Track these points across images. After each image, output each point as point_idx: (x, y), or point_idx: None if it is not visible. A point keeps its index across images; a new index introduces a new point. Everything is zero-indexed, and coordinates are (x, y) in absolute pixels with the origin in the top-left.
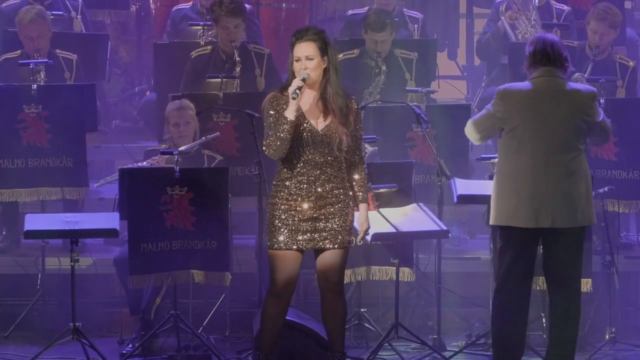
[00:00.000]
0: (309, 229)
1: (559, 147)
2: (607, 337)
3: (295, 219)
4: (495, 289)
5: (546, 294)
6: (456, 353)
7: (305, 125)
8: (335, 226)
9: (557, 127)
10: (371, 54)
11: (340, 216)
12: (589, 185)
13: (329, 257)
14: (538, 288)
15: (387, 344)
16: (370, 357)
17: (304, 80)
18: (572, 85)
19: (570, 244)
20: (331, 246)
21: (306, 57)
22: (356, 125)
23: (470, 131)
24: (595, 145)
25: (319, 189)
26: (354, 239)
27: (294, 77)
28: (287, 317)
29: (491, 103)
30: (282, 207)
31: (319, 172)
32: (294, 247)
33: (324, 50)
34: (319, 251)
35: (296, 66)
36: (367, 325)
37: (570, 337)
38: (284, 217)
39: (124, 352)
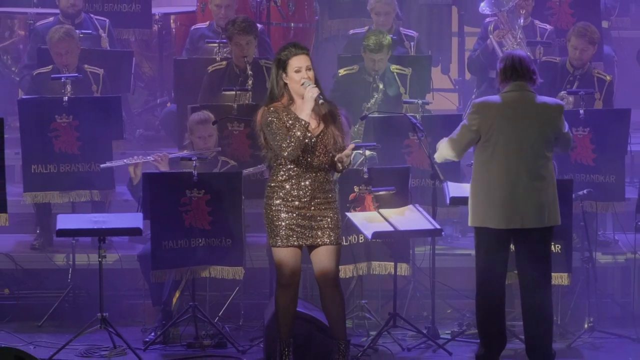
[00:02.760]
0: (306, 226)
1: (528, 155)
2: (585, 325)
3: (293, 218)
4: (476, 283)
5: None
6: (449, 340)
7: (308, 133)
8: (329, 225)
9: (527, 137)
10: (369, 71)
11: (332, 216)
12: (555, 190)
13: (325, 254)
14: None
15: (386, 332)
16: (371, 344)
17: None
18: (541, 98)
19: (539, 243)
20: (327, 241)
21: (307, 67)
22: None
23: (447, 150)
24: (560, 153)
25: (313, 191)
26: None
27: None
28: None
29: (466, 118)
30: (280, 207)
31: (313, 174)
32: (294, 244)
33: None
34: (312, 248)
35: (296, 76)
36: (367, 315)
37: (545, 335)
38: (282, 216)
39: (147, 339)
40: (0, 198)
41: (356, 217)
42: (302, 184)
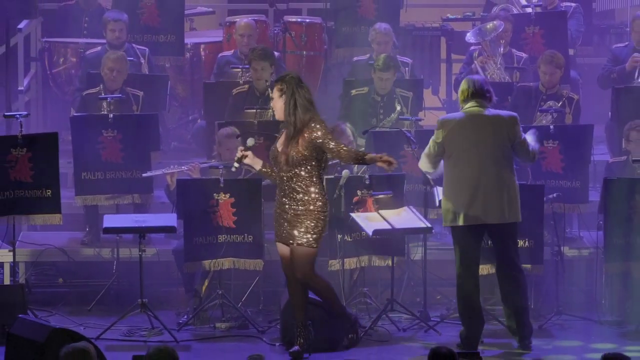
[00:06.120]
0: (285, 227)
1: (487, 160)
2: (555, 310)
3: (278, 218)
4: (456, 275)
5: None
6: (438, 322)
7: (276, 150)
8: (299, 230)
9: (484, 144)
10: (378, 89)
11: (301, 222)
12: (515, 191)
13: (294, 253)
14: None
15: (384, 316)
16: (372, 326)
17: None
18: (494, 111)
19: (505, 236)
20: (295, 243)
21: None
22: (317, 141)
23: (424, 163)
24: (524, 163)
25: (284, 197)
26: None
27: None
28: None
29: (434, 134)
30: (274, 210)
31: (283, 185)
32: (280, 240)
33: (283, 90)
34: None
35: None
36: (368, 301)
37: (522, 307)
38: (275, 218)
39: (180, 322)
40: (56, 200)
41: (359, 217)
42: (279, 191)
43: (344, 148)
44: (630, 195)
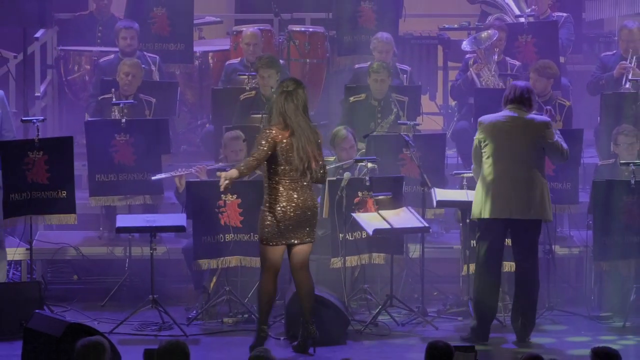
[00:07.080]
0: None
1: (516, 159)
2: (547, 305)
3: None
4: (476, 267)
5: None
6: (435, 317)
7: None
8: None
9: (514, 144)
10: (375, 94)
11: None
12: (542, 190)
13: None
14: (507, 270)
15: (384, 311)
16: (372, 320)
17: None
18: (530, 115)
19: (526, 232)
20: None
21: None
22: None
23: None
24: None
25: None
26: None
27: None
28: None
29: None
30: None
31: None
32: None
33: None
34: None
35: None
36: (369, 297)
37: (533, 305)
38: None
39: (189, 317)
40: (71, 201)
41: (360, 217)
42: None
43: (249, 158)
44: (618, 197)
